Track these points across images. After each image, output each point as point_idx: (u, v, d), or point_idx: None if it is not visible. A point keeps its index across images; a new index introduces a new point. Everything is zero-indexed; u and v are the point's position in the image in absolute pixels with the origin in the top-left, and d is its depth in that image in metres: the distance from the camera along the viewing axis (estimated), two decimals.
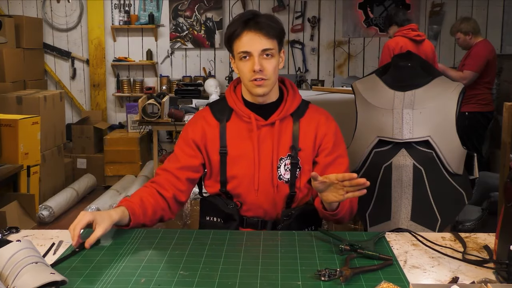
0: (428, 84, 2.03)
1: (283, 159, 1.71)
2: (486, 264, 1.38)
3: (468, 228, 3.50)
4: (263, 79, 1.65)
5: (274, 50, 1.66)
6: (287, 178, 1.71)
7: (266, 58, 1.65)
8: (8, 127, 3.80)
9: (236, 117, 1.75)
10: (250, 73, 1.65)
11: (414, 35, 4.23)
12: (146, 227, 1.68)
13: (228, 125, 1.74)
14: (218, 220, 1.79)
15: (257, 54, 1.63)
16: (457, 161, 2.01)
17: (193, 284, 1.26)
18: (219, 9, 5.90)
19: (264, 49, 1.64)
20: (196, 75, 6.00)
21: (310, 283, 1.27)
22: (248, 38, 1.64)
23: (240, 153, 1.72)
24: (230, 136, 1.73)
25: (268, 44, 1.64)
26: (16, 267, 1.18)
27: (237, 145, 1.72)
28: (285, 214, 1.72)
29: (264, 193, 1.72)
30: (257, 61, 1.63)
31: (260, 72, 1.64)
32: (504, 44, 5.79)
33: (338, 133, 1.78)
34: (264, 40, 1.64)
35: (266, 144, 1.71)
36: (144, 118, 4.24)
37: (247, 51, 1.64)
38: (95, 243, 1.50)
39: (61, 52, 6.01)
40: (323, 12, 5.93)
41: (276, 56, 1.68)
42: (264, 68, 1.64)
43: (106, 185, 5.20)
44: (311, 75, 6.00)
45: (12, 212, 3.40)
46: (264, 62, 1.64)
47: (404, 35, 4.30)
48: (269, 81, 1.67)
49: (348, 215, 1.69)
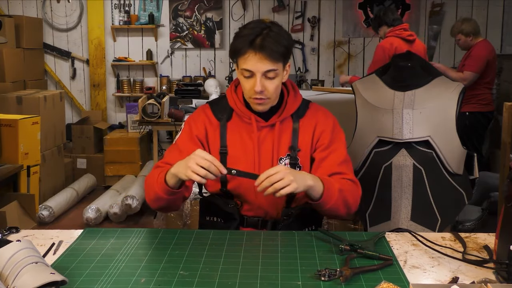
0: (428, 84, 2.03)
1: (282, 159, 1.71)
2: (486, 264, 1.38)
3: (468, 228, 3.50)
4: (262, 98, 1.65)
5: (278, 70, 1.64)
6: None
7: (269, 78, 1.64)
8: (8, 127, 3.80)
9: (236, 117, 1.75)
10: (251, 91, 1.65)
11: (407, 35, 4.25)
12: (179, 203, 1.69)
13: (229, 125, 1.74)
14: (218, 220, 1.78)
15: (260, 75, 1.62)
16: (457, 161, 2.01)
17: (193, 284, 1.26)
18: (219, 9, 5.90)
19: (268, 71, 1.62)
20: (196, 75, 6.00)
21: (310, 283, 1.27)
22: (252, 58, 1.61)
23: (240, 153, 1.72)
24: (230, 136, 1.73)
25: (272, 65, 1.62)
26: (16, 267, 1.18)
27: (237, 145, 1.72)
28: (285, 213, 1.72)
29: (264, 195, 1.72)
30: (258, 82, 1.62)
31: (261, 92, 1.64)
32: (504, 44, 5.79)
33: (336, 128, 1.77)
34: (267, 62, 1.61)
35: (266, 144, 1.72)
36: (144, 118, 4.24)
37: (250, 70, 1.63)
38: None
39: (61, 52, 6.01)
40: (323, 12, 5.93)
41: (280, 75, 1.66)
42: (265, 88, 1.64)
43: (106, 185, 5.19)
44: (311, 75, 6.00)
45: (12, 212, 3.39)
46: (267, 82, 1.63)
47: (397, 35, 4.31)
48: (270, 100, 1.68)
49: (342, 207, 1.65)
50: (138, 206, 4.33)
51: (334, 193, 1.61)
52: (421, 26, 5.87)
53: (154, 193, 1.64)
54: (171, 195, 1.61)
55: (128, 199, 4.29)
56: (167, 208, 1.72)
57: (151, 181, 1.66)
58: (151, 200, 1.69)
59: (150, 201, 1.69)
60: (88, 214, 4.19)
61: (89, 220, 4.18)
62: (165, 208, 1.71)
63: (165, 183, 1.59)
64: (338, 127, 1.78)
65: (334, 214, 1.68)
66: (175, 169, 1.56)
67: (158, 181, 1.61)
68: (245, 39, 1.62)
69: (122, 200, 4.30)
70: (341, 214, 1.68)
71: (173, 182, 1.58)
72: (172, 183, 1.59)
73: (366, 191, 2.05)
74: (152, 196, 1.66)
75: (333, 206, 1.63)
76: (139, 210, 4.37)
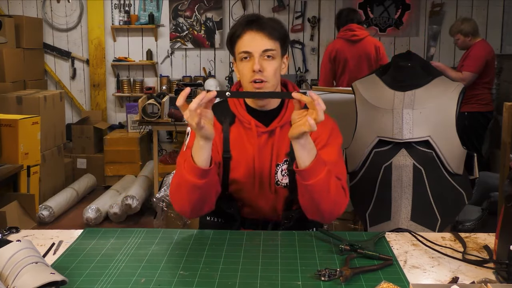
0: (428, 84, 2.03)
1: (279, 165, 1.69)
2: (486, 264, 1.38)
3: (468, 228, 3.50)
4: (262, 80, 1.61)
5: (276, 52, 1.63)
6: (285, 183, 1.70)
7: (267, 59, 1.62)
8: (8, 127, 3.80)
9: (238, 122, 1.72)
10: (250, 74, 1.62)
11: (350, 36, 4.26)
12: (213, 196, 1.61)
13: (231, 129, 1.72)
14: (219, 220, 1.78)
15: (258, 55, 1.61)
16: (457, 161, 2.01)
17: (193, 284, 1.26)
18: (219, 9, 5.90)
19: (265, 50, 1.61)
20: (196, 75, 6.00)
21: (310, 283, 1.27)
22: (249, 37, 1.62)
23: (241, 158, 1.70)
24: (233, 140, 1.71)
25: (270, 44, 1.62)
26: (16, 267, 1.18)
27: (238, 150, 1.70)
28: (286, 216, 1.72)
29: (264, 199, 1.71)
30: (257, 61, 1.60)
31: (260, 72, 1.60)
32: (504, 44, 5.79)
33: (333, 134, 1.71)
34: (265, 40, 1.62)
35: (265, 150, 1.69)
36: (144, 118, 4.24)
37: (248, 51, 1.62)
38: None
39: (61, 52, 6.01)
40: (323, 12, 5.93)
41: (278, 58, 1.64)
42: (264, 68, 1.61)
43: (106, 185, 5.20)
44: (311, 75, 6.00)
45: (12, 212, 3.40)
46: (265, 63, 1.62)
47: (341, 36, 4.39)
48: (269, 84, 1.63)
49: (325, 193, 1.52)
50: (138, 206, 4.33)
51: (322, 169, 1.51)
52: (421, 26, 5.87)
53: (186, 184, 1.53)
54: (204, 177, 1.51)
55: (128, 199, 4.29)
56: (202, 203, 1.60)
57: (179, 180, 1.57)
58: (184, 200, 1.58)
59: (183, 202, 1.59)
60: (88, 214, 4.19)
61: (89, 220, 4.18)
62: (200, 204, 1.59)
63: (194, 164, 1.51)
64: (335, 133, 1.72)
65: (314, 202, 1.55)
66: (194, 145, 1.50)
67: (187, 168, 1.52)
68: (241, 22, 1.65)
69: (122, 200, 4.30)
70: (321, 208, 1.56)
71: (201, 157, 1.49)
72: (200, 159, 1.49)
73: (366, 191, 2.05)
74: (184, 190, 1.55)
75: (317, 184, 1.50)
76: (139, 210, 4.37)
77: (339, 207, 1.60)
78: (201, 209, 1.63)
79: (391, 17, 5.87)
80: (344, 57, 4.31)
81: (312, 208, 1.58)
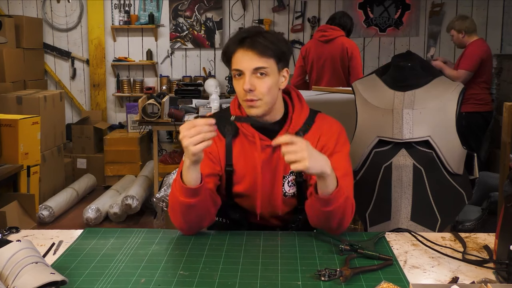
0: (428, 84, 2.03)
1: (286, 176, 1.68)
2: (486, 264, 1.38)
3: (468, 228, 3.49)
4: (253, 99, 1.57)
5: (269, 69, 1.57)
6: (293, 192, 1.69)
7: (260, 77, 1.57)
8: (8, 127, 3.80)
9: (242, 135, 1.69)
10: (242, 93, 1.58)
11: (319, 36, 4.30)
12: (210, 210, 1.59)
13: (235, 142, 1.69)
14: (226, 221, 1.78)
15: (249, 73, 1.56)
16: (457, 161, 2.01)
17: (193, 284, 1.26)
18: (219, 9, 5.90)
19: (256, 68, 1.56)
20: (196, 75, 6.00)
21: (310, 283, 1.27)
22: (241, 55, 1.57)
23: (246, 172, 1.67)
24: (236, 154, 1.68)
25: (261, 63, 1.56)
26: (16, 267, 1.18)
27: (243, 164, 1.68)
28: (293, 220, 1.72)
29: (270, 209, 1.70)
30: (247, 80, 1.56)
31: (251, 92, 1.56)
32: (504, 44, 5.79)
33: (340, 141, 1.68)
34: (256, 59, 1.56)
35: (270, 164, 1.67)
36: (144, 118, 4.24)
37: (239, 69, 1.58)
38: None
39: (61, 52, 6.01)
40: (323, 12, 5.92)
41: (273, 75, 1.58)
42: (255, 87, 1.56)
43: (106, 185, 5.20)
44: None
45: (12, 212, 3.40)
46: (256, 81, 1.56)
47: (314, 37, 4.47)
48: (262, 102, 1.58)
49: (338, 218, 1.53)
50: (138, 206, 4.33)
51: (342, 196, 1.50)
52: (421, 26, 5.87)
53: (179, 205, 1.53)
54: (195, 195, 1.50)
55: (128, 199, 4.29)
56: (200, 220, 1.58)
57: (173, 200, 1.56)
58: (180, 220, 1.56)
59: (179, 221, 1.57)
60: (88, 214, 4.19)
61: (89, 220, 4.18)
62: (198, 221, 1.57)
63: (183, 184, 1.50)
64: (342, 139, 1.69)
65: (327, 222, 1.55)
66: (183, 165, 1.49)
67: (177, 188, 1.52)
68: (235, 39, 1.60)
69: (122, 200, 4.30)
70: (331, 225, 1.56)
71: (189, 177, 1.48)
72: (188, 179, 1.49)
73: (366, 191, 2.05)
74: (177, 210, 1.55)
75: (334, 210, 1.50)
76: (139, 210, 4.37)
77: (348, 222, 1.59)
78: (199, 226, 1.61)
79: (391, 17, 5.87)
80: (312, 56, 4.37)
81: (323, 225, 1.58)
